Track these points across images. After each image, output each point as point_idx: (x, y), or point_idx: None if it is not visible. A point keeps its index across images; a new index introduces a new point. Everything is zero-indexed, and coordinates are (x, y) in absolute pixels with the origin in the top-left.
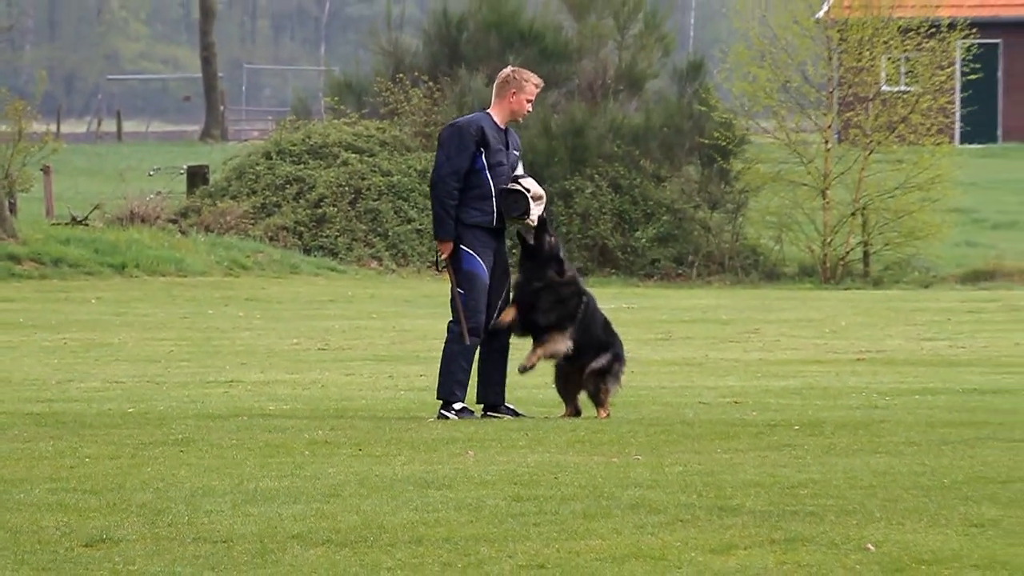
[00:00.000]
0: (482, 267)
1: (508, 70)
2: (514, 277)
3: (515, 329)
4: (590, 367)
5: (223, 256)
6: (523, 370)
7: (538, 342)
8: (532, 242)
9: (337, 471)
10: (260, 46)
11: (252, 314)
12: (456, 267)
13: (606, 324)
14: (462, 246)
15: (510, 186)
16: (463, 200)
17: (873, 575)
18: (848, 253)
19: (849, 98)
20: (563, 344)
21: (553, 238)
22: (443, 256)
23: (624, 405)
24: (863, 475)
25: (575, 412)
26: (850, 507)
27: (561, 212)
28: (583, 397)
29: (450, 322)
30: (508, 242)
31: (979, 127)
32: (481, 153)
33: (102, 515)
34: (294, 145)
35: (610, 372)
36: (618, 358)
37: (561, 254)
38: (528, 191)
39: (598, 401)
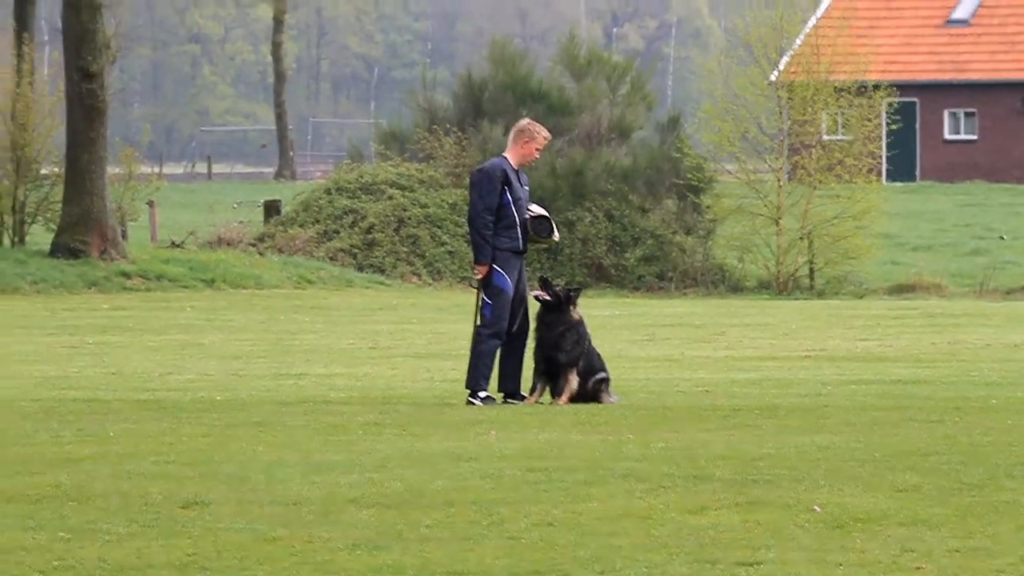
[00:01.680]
0: (508, 284)
1: (524, 122)
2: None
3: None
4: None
5: (293, 273)
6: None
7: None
8: (550, 297)
9: (385, 447)
10: (322, 103)
11: (316, 320)
12: (487, 283)
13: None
14: (494, 266)
15: (538, 213)
16: (495, 230)
17: (819, 531)
18: (797, 270)
19: (796, 145)
20: (575, 380)
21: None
22: (479, 276)
23: (617, 393)
24: (810, 450)
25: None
26: (800, 476)
27: (565, 237)
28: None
29: (477, 326)
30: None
31: (901, 168)
32: (506, 191)
33: (195, 483)
34: (349, 183)
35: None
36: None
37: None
38: (551, 217)
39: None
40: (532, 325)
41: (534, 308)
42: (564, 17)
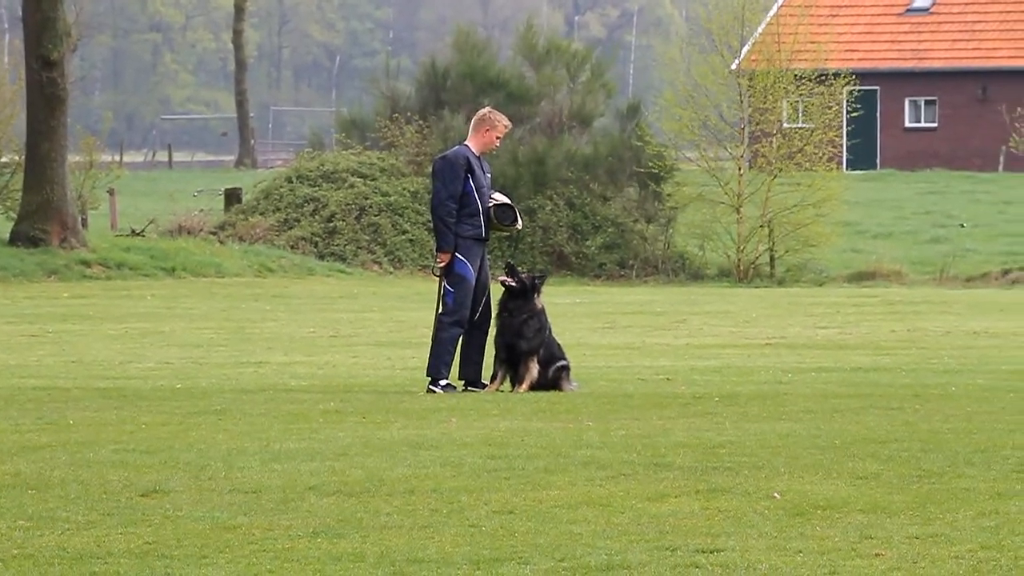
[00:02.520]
0: (471, 271)
1: (485, 110)
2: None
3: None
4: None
5: (253, 261)
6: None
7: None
8: (515, 283)
9: (345, 435)
10: (284, 92)
11: (277, 308)
12: (449, 271)
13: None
14: (456, 254)
15: (501, 201)
16: (457, 218)
17: (779, 518)
18: (757, 258)
19: (757, 133)
20: (536, 368)
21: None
22: (441, 264)
23: (578, 381)
24: (770, 437)
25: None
26: (760, 463)
27: (527, 225)
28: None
29: (439, 314)
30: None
31: (861, 156)
32: (468, 178)
33: (155, 471)
34: (310, 171)
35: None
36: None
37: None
38: (514, 205)
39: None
40: (494, 312)
41: (496, 296)
42: (526, 5)
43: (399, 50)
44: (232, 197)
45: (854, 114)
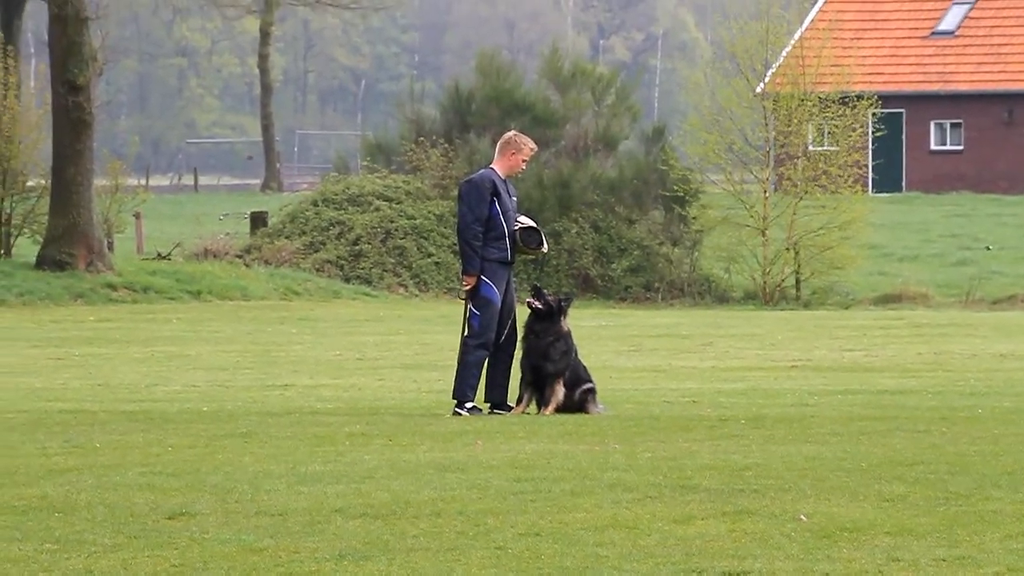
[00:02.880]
0: (497, 294)
1: (511, 134)
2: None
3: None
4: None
5: (279, 284)
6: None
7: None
8: (542, 306)
9: (371, 457)
10: (309, 115)
11: (303, 331)
12: (475, 293)
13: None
14: (482, 277)
15: (527, 224)
16: (483, 241)
17: (805, 541)
18: (783, 281)
19: (782, 156)
20: (562, 391)
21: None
22: (467, 287)
23: (604, 404)
24: (797, 460)
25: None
26: (786, 485)
27: (552, 248)
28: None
29: (464, 337)
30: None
31: (887, 179)
32: (495, 201)
33: (182, 493)
34: (336, 195)
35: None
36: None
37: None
38: (540, 228)
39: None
40: (520, 334)
41: (522, 318)
42: (551, 30)
43: (424, 74)
44: (258, 220)
45: (878, 134)
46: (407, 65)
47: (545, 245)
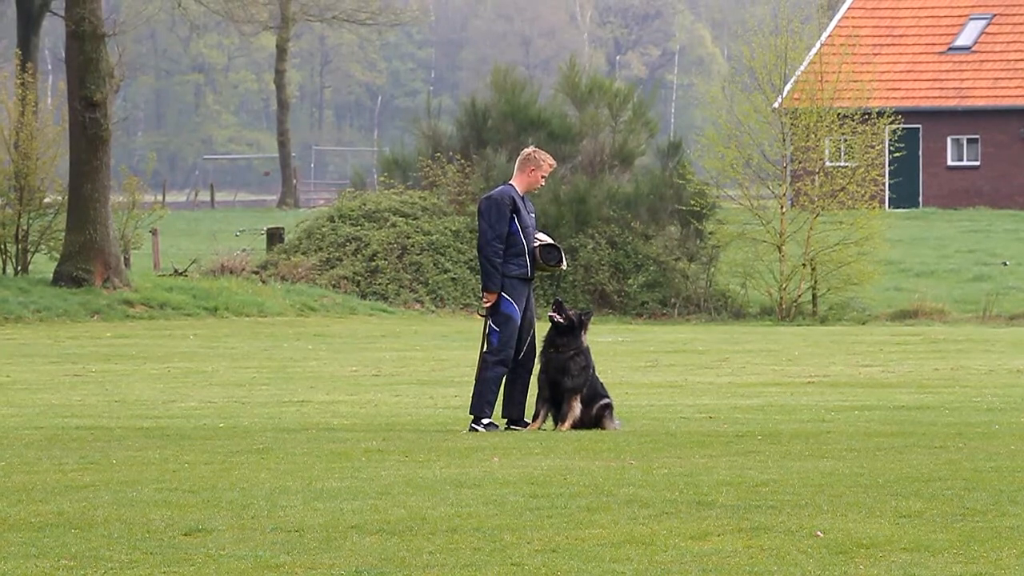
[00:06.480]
0: (517, 311)
1: (530, 150)
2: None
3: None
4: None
5: (296, 300)
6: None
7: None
8: (563, 320)
9: (388, 473)
10: (325, 131)
11: (319, 347)
12: (495, 310)
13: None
14: (502, 293)
15: (547, 241)
16: (503, 258)
17: (822, 557)
18: (800, 296)
19: (799, 171)
20: (578, 406)
21: (585, 317)
22: (487, 304)
23: (620, 419)
24: (813, 475)
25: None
26: (803, 501)
27: (568, 263)
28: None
29: (483, 353)
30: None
31: (904, 195)
32: (514, 218)
33: (198, 510)
34: (352, 211)
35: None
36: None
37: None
38: (560, 245)
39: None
40: (539, 349)
41: (541, 334)
42: (567, 45)
43: (441, 89)
44: (274, 236)
45: (897, 154)
46: (423, 81)
47: (565, 262)
